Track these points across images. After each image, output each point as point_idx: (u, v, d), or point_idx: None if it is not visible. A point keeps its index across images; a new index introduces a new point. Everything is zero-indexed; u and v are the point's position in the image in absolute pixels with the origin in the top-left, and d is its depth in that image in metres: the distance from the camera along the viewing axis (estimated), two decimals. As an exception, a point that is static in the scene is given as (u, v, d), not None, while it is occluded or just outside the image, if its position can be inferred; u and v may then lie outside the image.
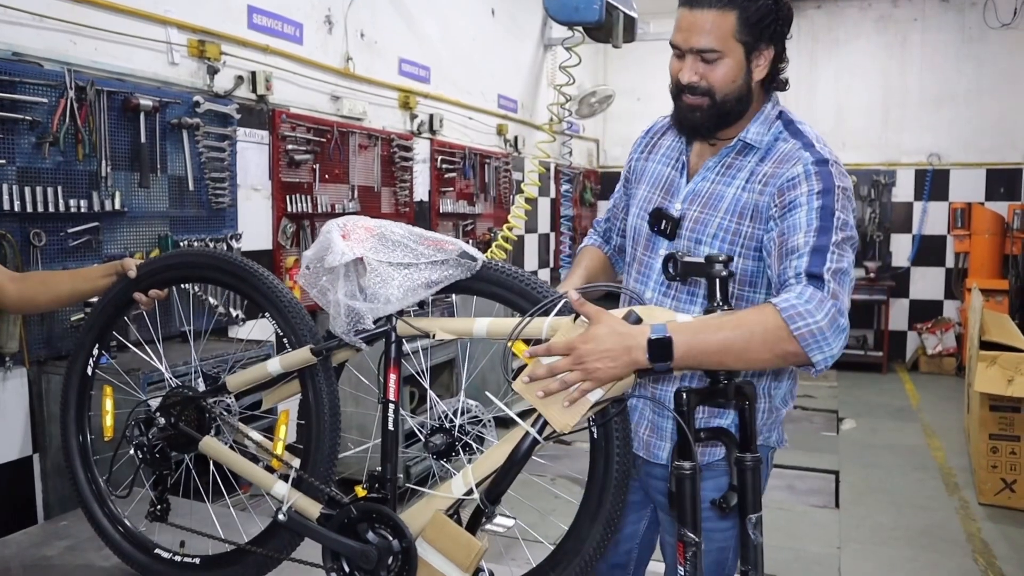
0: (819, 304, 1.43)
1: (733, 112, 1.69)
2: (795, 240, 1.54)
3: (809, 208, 1.56)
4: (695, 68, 1.66)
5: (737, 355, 1.40)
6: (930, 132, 8.29)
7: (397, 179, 5.22)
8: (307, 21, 4.45)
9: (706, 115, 1.68)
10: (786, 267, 1.54)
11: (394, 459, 1.59)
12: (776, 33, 1.67)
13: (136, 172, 3.31)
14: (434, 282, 1.51)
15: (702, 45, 1.63)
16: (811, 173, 1.60)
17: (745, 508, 1.47)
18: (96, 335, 1.97)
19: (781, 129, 1.73)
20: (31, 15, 2.93)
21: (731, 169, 1.72)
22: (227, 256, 1.80)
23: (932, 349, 8.16)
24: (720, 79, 1.65)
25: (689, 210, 1.74)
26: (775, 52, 1.69)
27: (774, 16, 1.64)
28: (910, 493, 4.80)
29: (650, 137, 1.95)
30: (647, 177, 1.87)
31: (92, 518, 1.93)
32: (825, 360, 1.44)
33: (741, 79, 1.66)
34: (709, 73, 1.65)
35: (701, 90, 1.66)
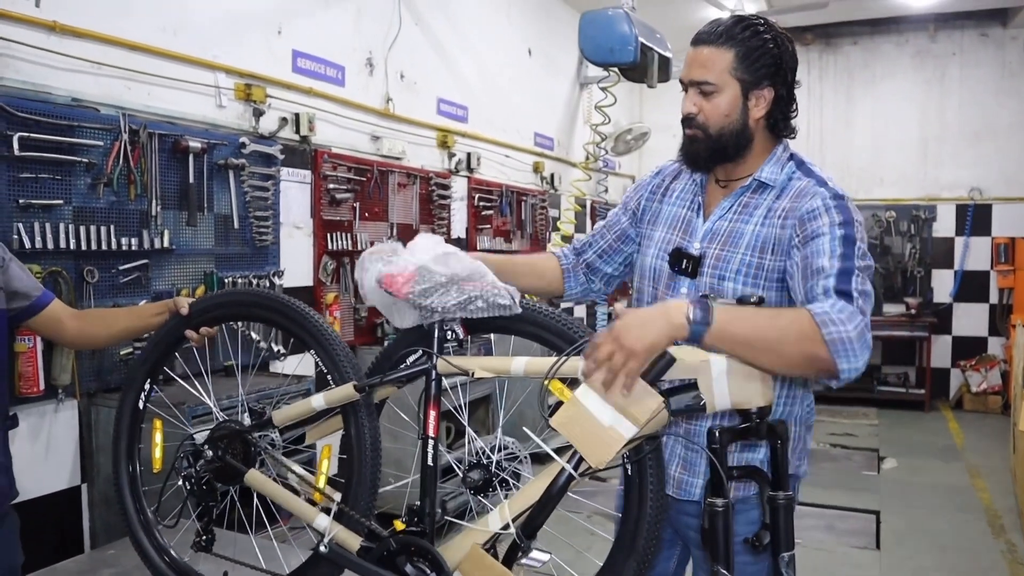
0: (850, 316, 1.47)
1: (730, 147, 1.76)
2: (820, 262, 1.58)
3: (832, 237, 1.60)
4: (693, 100, 1.77)
5: (767, 346, 1.44)
6: (970, 167, 8.20)
7: (435, 216, 5.31)
8: (349, 64, 4.59)
9: (702, 147, 1.78)
10: (813, 285, 1.57)
11: (432, 494, 1.62)
12: (777, 75, 1.74)
13: (184, 211, 3.43)
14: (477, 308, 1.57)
15: (699, 78, 1.74)
16: (830, 207, 1.65)
17: (778, 546, 1.48)
18: (148, 370, 2.04)
19: (794, 169, 1.78)
20: (90, 63, 3.07)
21: (748, 208, 1.78)
22: (275, 295, 1.87)
23: (977, 387, 8.00)
24: (715, 112, 1.74)
25: (709, 248, 1.78)
26: (776, 94, 1.75)
27: (774, 59, 1.73)
28: (954, 535, 4.70)
29: (661, 179, 2.00)
30: (663, 219, 1.92)
31: (139, 547, 1.99)
32: (849, 371, 1.46)
33: (736, 114, 1.74)
34: (705, 106, 1.75)
35: (697, 123, 1.77)
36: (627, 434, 1.37)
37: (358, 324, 4.63)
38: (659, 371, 1.42)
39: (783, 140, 1.83)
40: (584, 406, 1.40)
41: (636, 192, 2.04)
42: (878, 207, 8.48)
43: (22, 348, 2.79)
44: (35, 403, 2.90)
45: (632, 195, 2.05)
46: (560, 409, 1.42)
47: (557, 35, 7.07)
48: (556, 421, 1.42)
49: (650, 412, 1.36)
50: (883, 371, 8.54)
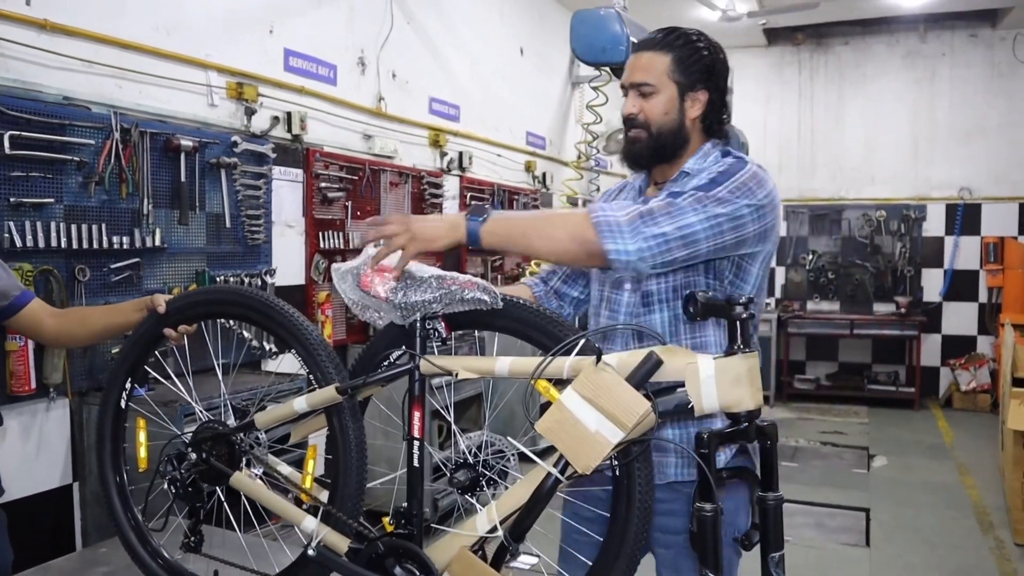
0: (628, 209, 1.65)
1: (669, 145, 1.87)
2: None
3: (711, 170, 1.74)
4: (634, 102, 1.88)
5: (540, 232, 1.64)
6: (960, 166, 8.25)
7: (427, 215, 5.31)
8: (341, 63, 4.59)
9: (644, 146, 1.88)
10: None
11: (420, 495, 1.63)
12: (710, 80, 1.87)
13: (176, 210, 3.43)
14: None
15: (639, 80, 1.86)
16: (720, 160, 1.79)
17: (767, 547, 1.49)
18: (128, 368, 2.02)
19: (719, 156, 1.87)
20: (81, 61, 3.06)
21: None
22: (254, 293, 1.83)
23: (966, 385, 8.04)
24: (654, 111, 1.85)
25: None
26: (709, 97, 1.87)
27: (707, 64, 1.87)
28: (943, 532, 4.73)
29: (608, 196, 2.09)
30: None
31: (129, 547, 1.99)
32: (618, 253, 1.61)
33: (674, 114, 1.86)
34: (645, 106, 1.86)
35: (639, 122, 1.87)
36: (614, 439, 1.37)
37: (350, 323, 4.64)
38: (646, 374, 1.43)
39: (714, 141, 1.93)
40: (570, 411, 1.40)
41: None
42: (869, 206, 8.52)
43: (13, 347, 2.79)
44: (27, 402, 2.90)
45: None
46: (546, 414, 1.42)
47: (549, 34, 7.07)
48: (542, 426, 1.43)
49: (637, 416, 1.37)
50: (873, 369, 8.59)
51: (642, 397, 1.39)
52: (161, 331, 1.94)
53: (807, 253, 8.74)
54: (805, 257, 8.74)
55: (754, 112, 8.62)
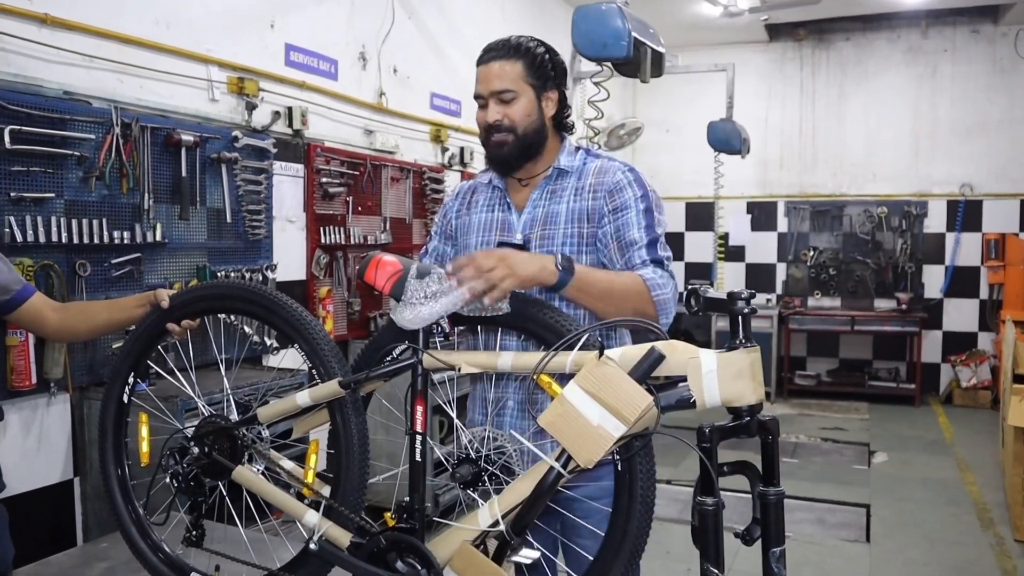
0: (667, 281, 1.84)
1: (534, 144, 1.98)
2: (631, 235, 1.90)
3: (637, 211, 1.91)
4: (497, 109, 1.96)
5: (613, 299, 1.78)
6: (962, 163, 8.24)
7: (428, 211, 5.30)
8: (342, 57, 4.58)
9: (512, 148, 1.97)
10: (631, 256, 1.89)
11: (422, 489, 1.63)
12: (557, 79, 2.01)
13: (177, 205, 3.43)
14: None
15: (499, 87, 1.95)
16: (631, 180, 1.95)
17: (768, 542, 1.49)
18: (131, 363, 2.02)
19: (584, 155, 2.05)
20: (82, 56, 3.06)
21: (556, 193, 2.01)
22: (257, 288, 1.84)
23: (966, 382, 8.04)
24: (519, 114, 1.95)
25: (532, 233, 1.98)
26: (560, 95, 2.02)
27: (553, 66, 2.00)
28: (943, 528, 4.73)
29: (462, 198, 2.17)
30: (474, 227, 2.08)
31: (130, 541, 1.99)
32: (666, 326, 1.79)
33: (535, 114, 1.97)
34: (509, 111, 1.95)
35: (505, 127, 1.95)
36: (616, 433, 1.37)
37: (351, 318, 4.64)
38: (648, 368, 1.43)
39: (565, 135, 2.07)
40: (572, 405, 1.40)
41: (444, 217, 2.19)
42: (870, 203, 8.51)
43: (14, 342, 2.79)
44: (27, 397, 2.90)
45: (442, 221, 2.19)
46: (548, 408, 1.42)
47: (550, 30, 7.06)
48: (544, 420, 1.43)
49: (639, 410, 1.37)
50: (874, 366, 8.59)
51: (644, 391, 1.39)
52: (164, 326, 1.94)
53: (808, 249, 8.73)
54: (806, 253, 8.73)
55: (755, 108, 8.61)
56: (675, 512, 4.82)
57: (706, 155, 6.71)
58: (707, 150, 6.50)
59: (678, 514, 4.78)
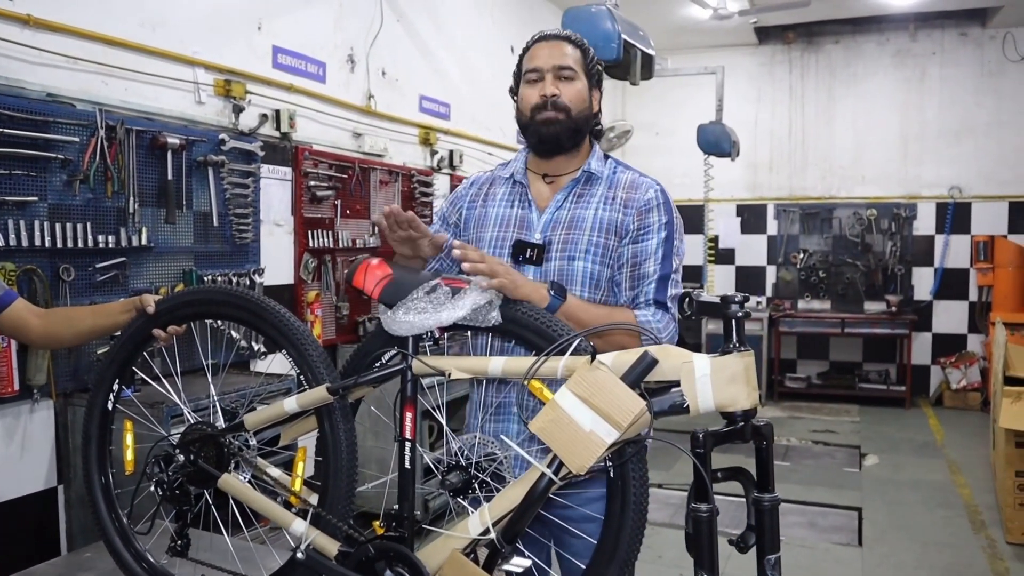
0: (664, 325, 1.85)
1: (581, 132, 1.97)
2: (646, 267, 1.89)
3: (658, 239, 1.90)
4: (555, 84, 1.93)
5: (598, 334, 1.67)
6: (951, 165, 8.27)
7: (418, 214, 5.26)
8: (330, 60, 4.55)
9: (562, 128, 1.93)
10: (638, 292, 1.89)
11: (411, 497, 1.60)
12: (600, 84, 2.03)
13: (162, 208, 3.39)
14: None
15: (562, 63, 1.94)
16: (660, 202, 1.93)
17: (763, 549, 1.47)
18: (116, 370, 1.98)
19: (615, 164, 2.03)
20: (66, 57, 3.02)
21: (583, 197, 1.97)
22: (244, 293, 1.81)
23: (956, 384, 8.06)
24: (575, 95, 1.94)
25: (554, 235, 1.94)
26: (599, 98, 2.03)
27: (600, 70, 2.03)
28: (935, 531, 4.73)
29: (476, 188, 2.12)
30: (490, 220, 2.03)
31: (114, 551, 1.95)
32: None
33: (587, 103, 1.97)
34: (566, 89, 1.93)
35: (561, 105, 1.92)
36: (608, 439, 1.35)
37: (340, 323, 4.60)
38: (640, 373, 1.41)
39: (595, 141, 2.05)
40: (564, 410, 1.38)
41: (453, 205, 2.14)
42: (859, 205, 8.53)
43: (-4, 348, 2.74)
44: (10, 403, 2.86)
45: (449, 208, 2.16)
46: (539, 413, 1.40)
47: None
48: (535, 426, 1.40)
49: (632, 416, 1.34)
50: (864, 368, 8.60)
51: (637, 396, 1.37)
52: (150, 332, 1.90)
53: (798, 252, 8.74)
54: (796, 256, 8.74)
55: (745, 111, 8.62)
56: (667, 516, 4.80)
57: (696, 158, 6.71)
58: (697, 153, 6.50)
59: (670, 518, 4.76)
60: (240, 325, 3.51)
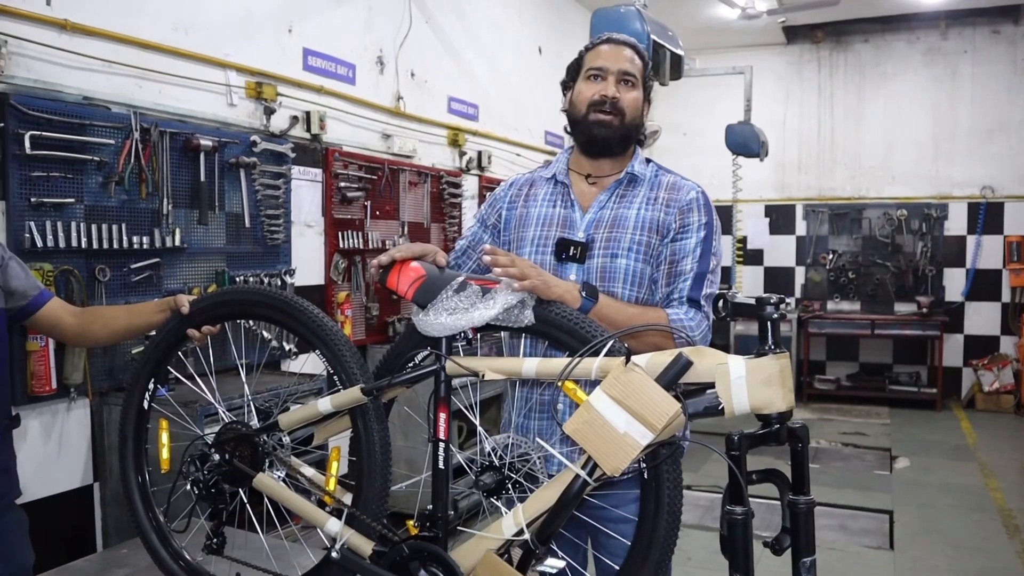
0: (697, 323, 1.85)
1: (632, 137, 2.01)
2: (683, 265, 1.92)
3: (697, 238, 1.92)
4: (616, 87, 1.97)
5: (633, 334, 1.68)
6: (982, 164, 8.15)
7: (446, 215, 5.30)
8: (360, 62, 4.58)
9: (615, 131, 1.97)
10: (673, 289, 1.91)
11: (445, 498, 1.60)
12: (649, 93, 2.06)
13: (195, 210, 3.43)
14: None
15: (628, 70, 1.99)
16: (700, 204, 1.95)
17: (799, 551, 1.46)
18: (151, 369, 2.01)
19: (656, 167, 2.06)
20: (102, 61, 3.07)
21: (625, 198, 2.00)
22: (278, 294, 1.83)
23: (989, 386, 7.94)
24: (633, 102, 1.99)
25: (596, 233, 1.97)
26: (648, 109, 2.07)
27: (652, 81, 2.08)
28: (968, 535, 4.66)
29: (516, 189, 2.14)
30: (533, 220, 2.05)
31: (151, 549, 1.98)
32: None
33: (639, 111, 2.02)
34: (626, 95, 1.98)
35: (619, 107, 1.96)
36: (643, 441, 1.34)
37: (369, 323, 4.63)
38: (675, 375, 1.40)
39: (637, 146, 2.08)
40: (598, 412, 1.37)
41: (492, 207, 2.15)
42: (889, 205, 8.43)
43: (34, 347, 2.79)
44: (47, 402, 2.90)
45: (488, 210, 2.16)
46: (574, 415, 1.40)
47: (567, 34, 7.04)
48: (569, 427, 1.40)
49: (667, 418, 1.34)
50: (894, 370, 8.50)
51: (672, 398, 1.37)
52: (184, 332, 1.92)
53: (827, 252, 8.66)
54: (825, 256, 8.66)
55: (773, 111, 8.55)
56: (696, 518, 4.78)
57: (724, 158, 6.67)
58: (725, 153, 6.47)
59: (699, 520, 4.74)
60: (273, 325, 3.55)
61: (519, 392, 1.99)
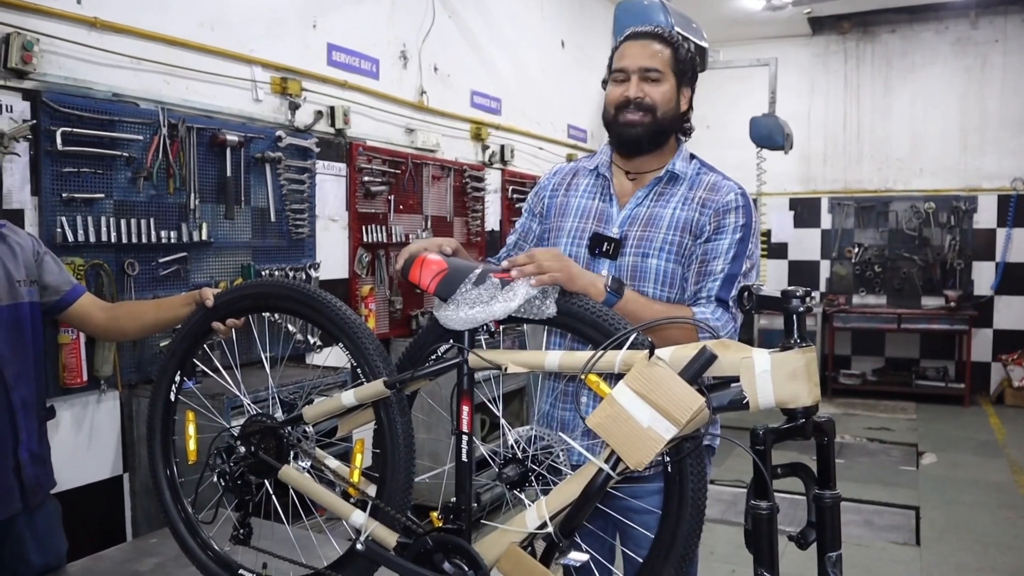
0: (724, 323, 1.83)
1: (666, 132, 1.97)
2: (714, 264, 1.88)
3: (731, 240, 1.89)
4: (640, 87, 1.94)
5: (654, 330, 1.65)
6: (1013, 156, 8.01)
7: (469, 209, 5.31)
8: (383, 57, 4.59)
9: (646, 129, 1.94)
10: (702, 287, 1.88)
11: (468, 490, 1.61)
12: (693, 79, 2.01)
13: (222, 204, 3.46)
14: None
15: (649, 65, 1.94)
16: (739, 205, 1.91)
17: (824, 546, 1.45)
18: (178, 362, 2.03)
19: (699, 165, 2.02)
20: (130, 58, 3.10)
21: (663, 196, 1.97)
22: (302, 287, 1.83)
23: (1018, 381, 7.83)
24: (661, 96, 1.94)
25: (630, 231, 1.95)
26: (691, 95, 2.02)
27: (693, 64, 2.00)
28: (996, 532, 4.61)
29: (560, 178, 2.14)
30: (572, 211, 2.05)
31: (180, 539, 2.01)
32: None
33: (674, 103, 1.97)
34: (652, 91, 1.94)
35: (645, 105, 1.94)
36: (667, 435, 1.34)
37: (393, 317, 4.65)
38: (699, 368, 1.40)
39: (682, 140, 2.05)
40: (622, 406, 1.37)
41: (537, 195, 2.16)
42: (917, 198, 8.33)
43: (66, 340, 2.84)
44: (78, 394, 2.95)
45: (534, 199, 2.16)
46: (597, 409, 1.40)
47: (590, 27, 7.01)
48: (593, 421, 1.40)
49: (691, 412, 1.34)
50: (921, 365, 8.41)
51: (696, 392, 1.36)
52: (209, 325, 1.95)
53: (853, 246, 8.57)
54: (851, 250, 8.57)
55: (798, 103, 8.47)
56: (718, 512, 4.76)
57: (748, 151, 6.62)
58: (749, 146, 6.42)
59: (721, 514, 4.72)
60: (297, 319, 3.58)
61: (544, 381, 1.99)
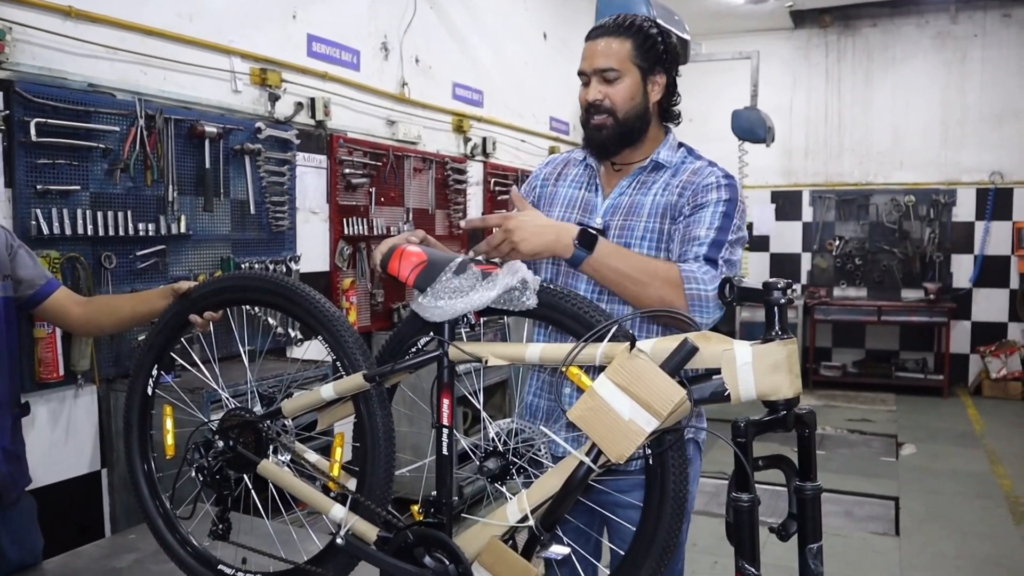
0: (712, 278, 1.71)
1: (634, 130, 1.92)
2: (698, 231, 1.81)
3: (715, 211, 1.82)
4: (599, 88, 1.90)
5: (635, 282, 1.70)
6: (992, 150, 8.09)
7: (451, 201, 5.29)
8: (364, 48, 4.56)
9: (611, 132, 1.91)
10: (687, 250, 1.80)
11: (449, 483, 1.60)
12: (667, 63, 1.93)
13: (201, 196, 3.43)
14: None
15: (604, 66, 1.89)
16: (722, 184, 1.86)
17: (805, 538, 1.45)
18: (155, 356, 2.00)
19: (686, 153, 1.99)
20: (105, 48, 3.06)
21: (646, 184, 1.95)
22: (280, 279, 1.81)
23: (996, 373, 7.92)
24: (620, 96, 1.89)
25: (612, 221, 1.93)
26: (668, 80, 1.95)
27: (664, 47, 1.92)
28: (974, 521, 4.66)
29: (552, 167, 2.13)
30: (559, 200, 2.04)
31: (158, 535, 1.98)
32: (702, 324, 1.67)
33: (639, 98, 1.91)
34: (611, 92, 1.89)
35: (605, 108, 1.90)
36: (648, 428, 1.34)
37: (374, 310, 4.63)
38: (680, 361, 1.39)
39: (670, 127, 2.02)
40: (603, 398, 1.37)
41: (530, 185, 2.15)
42: (897, 191, 8.39)
43: (41, 334, 2.80)
44: (55, 389, 2.92)
45: (527, 189, 2.15)
46: (578, 401, 1.39)
47: (572, 19, 7.00)
48: (574, 414, 1.39)
49: (672, 404, 1.33)
50: (901, 356, 8.48)
51: (677, 384, 1.36)
52: (187, 318, 1.92)
53: (834, 239, 8.63)
54: (832, 243, 8.63)
55: (780, 96, 8.50)
56: (701, 504, 4.78)
57: (730, 144, 6.63)
58: (731, 139, 6.43)
59: (704, 506, 4.74)
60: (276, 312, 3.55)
61: (527, 371, 1.99)
